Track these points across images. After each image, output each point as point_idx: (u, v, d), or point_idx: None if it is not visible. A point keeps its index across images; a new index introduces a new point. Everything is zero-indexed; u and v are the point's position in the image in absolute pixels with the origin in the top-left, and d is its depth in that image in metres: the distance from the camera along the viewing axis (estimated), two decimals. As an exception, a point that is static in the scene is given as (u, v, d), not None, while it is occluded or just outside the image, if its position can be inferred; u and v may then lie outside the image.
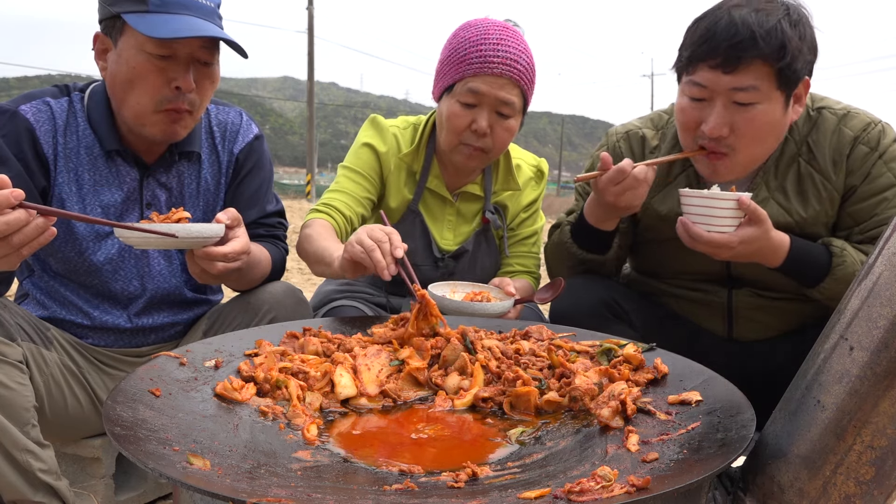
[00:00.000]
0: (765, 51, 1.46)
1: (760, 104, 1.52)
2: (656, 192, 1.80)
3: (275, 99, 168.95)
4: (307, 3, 27.26)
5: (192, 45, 1.49)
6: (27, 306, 1.65)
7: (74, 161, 1.58)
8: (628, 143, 1.86)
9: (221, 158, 1.75)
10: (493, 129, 1.88)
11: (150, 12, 1.45)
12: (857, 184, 1.63)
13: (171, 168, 1.67)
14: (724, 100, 1.53)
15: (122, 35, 1.49)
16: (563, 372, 1.26)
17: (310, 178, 26.29)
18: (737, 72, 1.49)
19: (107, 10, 1.50)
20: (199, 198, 1.72)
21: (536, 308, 2.09)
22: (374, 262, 1.49)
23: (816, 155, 1.65)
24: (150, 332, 1.72)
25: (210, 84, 1.58)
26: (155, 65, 1.48)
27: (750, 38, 1.45)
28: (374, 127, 2.09)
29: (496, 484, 0.91)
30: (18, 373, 1.34)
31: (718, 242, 1.50)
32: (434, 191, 2.06)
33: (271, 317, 1.63)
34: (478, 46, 1.84)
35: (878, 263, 1.01)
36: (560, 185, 43.45)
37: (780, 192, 1.68)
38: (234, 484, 0.84)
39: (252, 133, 1.79)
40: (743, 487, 1.12)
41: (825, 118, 1.66)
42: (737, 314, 1.77)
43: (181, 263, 1.72)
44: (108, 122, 1.58)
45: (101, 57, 1.56)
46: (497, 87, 1.84)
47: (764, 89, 1.50)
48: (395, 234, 1.56)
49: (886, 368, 0.95)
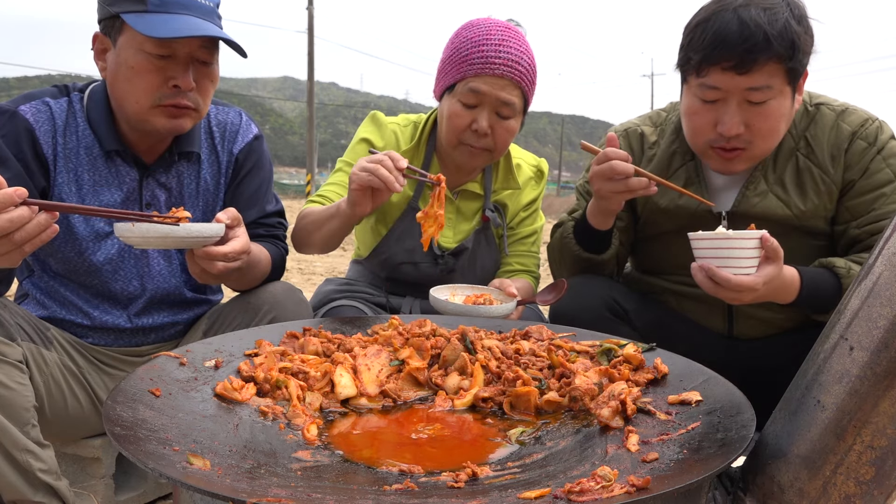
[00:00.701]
0: (778, 51, 1.47)
1: (773, 100, 1.53)
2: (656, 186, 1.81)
3: (275, 99, 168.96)
4: (307, 3, 27.25)
5: (191, 44, 1.49)
6: (27, 306, 1.64)
7: (74, 161, 1.58)
8: (627, 140, 1.88)
9: (221, 158, 1.75)
10: (493, 129, 1.89)
11: (149, 12, 1.45)
12: (855, 178, 1.64)
13: (171, 168, 1.67)
14: (738, 99, 1.54)
15: (121, 35, 1.49)
16: (563, 372, 1.26)
17: (310, 178, 26.27)
18: (751, 73, 1.50)
19: (106, 10, 1.50)
20: (199, 198, 1.73)
21: (536, 308, 2.09)
22: (382, 178, 1.58)
23: (815, 149, 1.67)
24: (150, 331, 1.72)
25: (210, 83, 1.58)
26: (154, 64, 1.49)
27: (764, 40, 1.46)
28: (373, 122, 2.11)
29: (496, 484, 0.91)
30: (18, 373, 1.34)
31: (746, 285, 1.40)
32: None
33: (271, 317, 1.63)
34: (479, 47, 1.85)
35: (878, 263, 1.01)
36: (560, 185, 43.46)
37: (778, 186, 1.69)
38: (234, 484, 0.84)
39: (252, 133, 1.80)
40: (743, 487, 1.12)
41: (823, 114, 1.68)
42: (737, 311, 1.77)
43: (181, 263, 1.72)
44: (108, 122, 1.59)
45: (100, 57, 1.56)
46: (498, 88, 1.84)
47: (776, 86, 1.52)
48: (392, 152, 1.65)
49: (886, 368, 0.95)
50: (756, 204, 1.69)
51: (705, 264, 1.43)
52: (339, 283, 2.15)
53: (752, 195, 1.69)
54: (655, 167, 1.81)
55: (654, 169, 1.81)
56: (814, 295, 1.57)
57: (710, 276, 1.42)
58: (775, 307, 1.73)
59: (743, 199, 1.70)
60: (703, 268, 1.44)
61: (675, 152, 1.79)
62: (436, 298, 1.75)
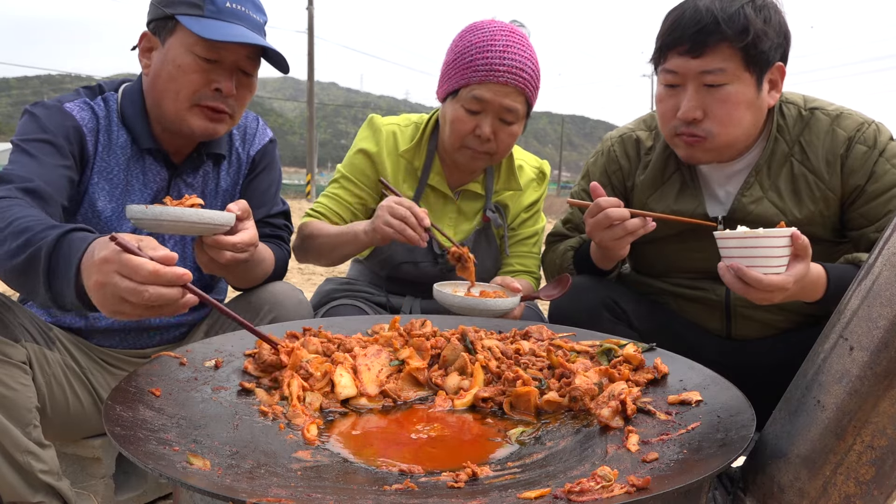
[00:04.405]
0: (728, 33, 1.52)
1: (730, 85, 1.56)
2: (651, 193, 1.82)
3: (275, 99, 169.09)
4: (307, 3, 27.25)
5: (238, 52, 1.56)
6: (31, 306, 1.65)
7: (109, 160, 1.61)
8: (623, 146, 1.89)
9: (241, 159, 1.81)
10: (496, 134, 1.90)
11: (205, 17, 1.52)
12: (861, 183, 1.63)
13: (199, 169, 1.72)
14: (695, 84, 1.58)
15: (172, 35, 1.55)
16: (563, 372, 1.26)
17: (310, 178, 26.28)
18: (704, 56, 1.54)
19: (160, 10, 1.56)
20: (219, 197, 1.77)
21: (536, 308, 2.09)
22: (409, 238, 1.70)
23: (809, 155, 1.67)
24: (155, 332, 1.73)
25: (248, 93, 1.65)
26: (200, 66, 1.54)
27: (713, 23, 1.52)
28: (370, 128, 2.12)
29: (496, 484, 0.91)
30: (21, 374, 1.34)
31: (778, 285, 1.35)
32: (435, 187, 2.08)
33: (272, 316, 1.64)
34: (484, 53, 1.85)
35: (878, 263, 1.01)
36: (560, 185, 43.47)
37: (773, 192, 1.69)
38: (234, 484, 0.84)
39: (267, 136, 1.86)
40: (743, 487, 1.12)
41: (818, 118, 1.68)
42: (734, 312, 1.77)
43: (187, 264, 1.73)
44: (143, 121, 1.63)
45: (145, 55, 1.61)
46: (502, 96, 1.85)
47: (731, 70, 1.54)
48: (414, 206, 1.73)
49: (886, 368, 0.95)
50: (752, 210, 1.69)
51: (734, 264, 1.36)
52: (339, 283, 2.16)
53: (747, 201, 1.69)
54: (650, 173, 1.81)
55: (649, 175, 1.82)
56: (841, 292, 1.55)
57: (740, 277, 1.36)
58: (773, 308, 1.73)
59: (738, 204, 1.70)
60: (731, 268, 1.37)
61: (669, 156, 1.80)
62: (439, 292, 1.75)
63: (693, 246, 1.77)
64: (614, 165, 1.88)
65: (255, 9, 1.60)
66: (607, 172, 1.90)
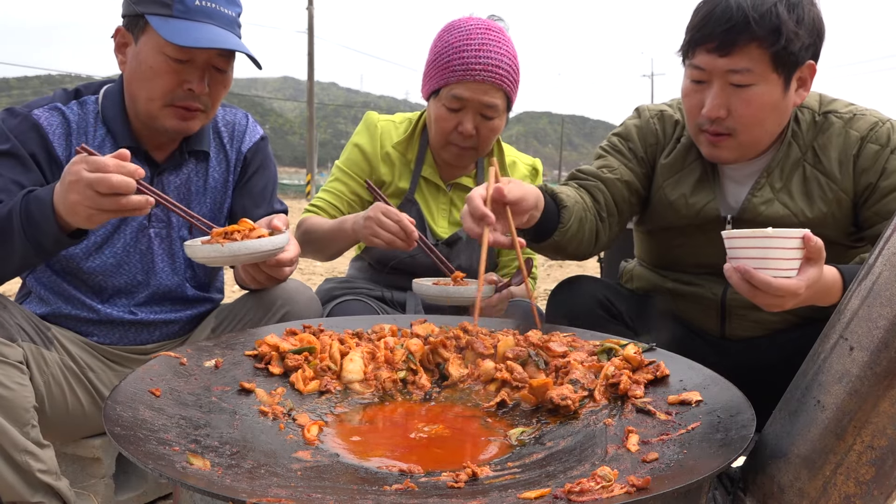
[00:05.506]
0: (758, 34, 1.48)
1: (757, 85, 1.53)
2: (669, 176, 1.79)
3: (275, 99, 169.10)
4: (307, 3, 27.26)
5: (209, 52, 1.55)
6: (30, 304, 1.65)
7: None
8: (662, 123, 1.84)
9: (230, 157, 1.79)
10: (478, 129, 1.97)
11: (174, 17, 1.50)
12: (872, 181, 1.61)
13: (181, 166, 1.71)
14: (721, 82, 1.55)
15: (144, 34, 1.54)
16: (560, 366, 1.28)
17: (310, 178, 26.27)
18: (732, 55, 1.51)
19: (131, 7, 1.54)
20: (207, 195, 1.76)
21: (537, 308, 2.08)
22: (399, 249, 1.78)
23: (822, 159, 1.65)
24: (155, 327, 1.72)
25: (223, 88, 1.64)
26: (172, 67, 1.53)
27: (744, 22, 1.48)
28: (365, 124, 2.19)
29: (496, 484, 0.91)
30: (18, 373, 1.34)
31: (788, 289, 1.25)
32: (429, 179, 2.13)
33: (284, 311, 1.65)
34: (460, 53, 1.91)
35: (878, 263, 1.01)
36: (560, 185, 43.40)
37: (784, 194, 1.67)
38: (234, 484, 0.84)
39: (258, 134, 1.85)
40: (743, 487, 1.12)
41: (831, 123, 1.66)
42: (730, 312, 1.77)
43: (184, 261, 1.73)
44: (123, 120, 1.62)
45: (120, 50, 1.60)
46: (480, 93, 1.91)
47: (759, 71, 1.51)
48: (403, 219, 1.77)
49: (886, 368, 0.95)
50: (762, 212, 1.67)
51: (741, 266, 1.27)
52: (339, 282, 2.19)
53: (758, 202, 1.68)
54: (674, 156, 1.78)
55: (672, 158, 1.78)
56: None
57: (748, 279, 1.27)
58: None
59: (749, 204, 1.69)
60: (738, 269, 1.28)
61: (692, 145, 1.78)
62: (420, 285, 1.80)
63: (699, 241, 1.76)
64: (652, 138, 1.84)
65: (226, 2, 1.57)
66: (644, 140, 1.84)
